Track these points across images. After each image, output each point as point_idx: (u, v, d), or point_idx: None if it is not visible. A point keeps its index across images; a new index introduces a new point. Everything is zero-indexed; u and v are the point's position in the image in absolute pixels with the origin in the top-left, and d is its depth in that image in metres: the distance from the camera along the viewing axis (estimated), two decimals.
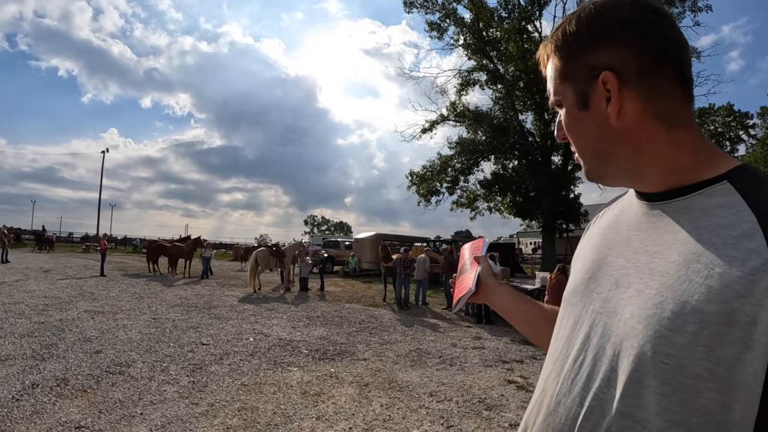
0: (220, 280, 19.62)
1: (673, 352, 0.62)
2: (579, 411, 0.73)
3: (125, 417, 4.61)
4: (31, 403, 4.85)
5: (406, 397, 5.60)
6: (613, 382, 0.69)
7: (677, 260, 0.68)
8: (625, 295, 0.74)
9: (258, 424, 4.62)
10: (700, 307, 0.62)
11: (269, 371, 6.52)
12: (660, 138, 0.76)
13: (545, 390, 0.82)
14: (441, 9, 25.37)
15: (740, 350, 0.58)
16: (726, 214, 0.67)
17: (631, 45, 0.74)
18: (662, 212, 0.76)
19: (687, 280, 0.65)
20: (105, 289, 14.52)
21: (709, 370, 0.60)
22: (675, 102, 0.75)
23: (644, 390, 0.65)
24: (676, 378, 0.62)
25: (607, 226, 0.90)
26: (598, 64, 0.76)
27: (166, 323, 9.51)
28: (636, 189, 0.84)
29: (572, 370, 0.78)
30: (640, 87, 0.74)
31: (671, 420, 0.62)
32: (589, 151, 0.83)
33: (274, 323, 10.20)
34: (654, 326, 0.65)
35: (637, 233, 0.79)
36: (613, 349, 0.71)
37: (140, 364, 6.47)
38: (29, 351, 6.86)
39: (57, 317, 9.49)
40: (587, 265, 0.87)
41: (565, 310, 0.88)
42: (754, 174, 0.71)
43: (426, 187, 26.96)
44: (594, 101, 0.78)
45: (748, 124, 40.14)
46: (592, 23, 0.78)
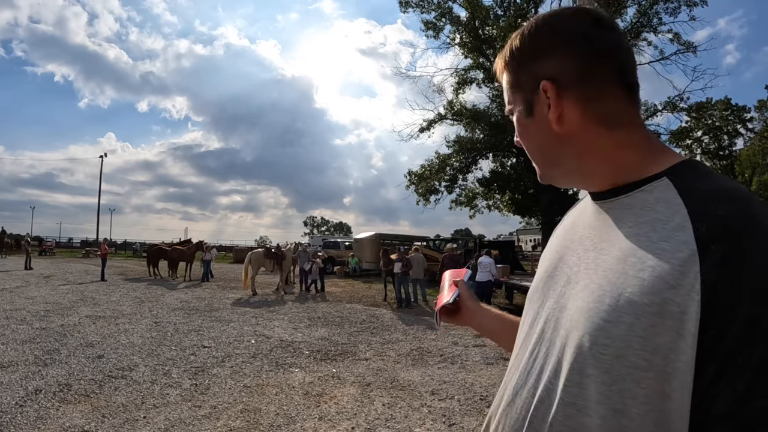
0: (221, 283, 19.65)
1: (610, 342, 0.65)
2: (531, 401, 0.76)
3: (129, 421, 4.63)
4: (34, 408, 4.86)
5: (408, 396, 5.62)
6: (559, 373, 0.72)
7: (617, 255, 0.71)
8: (574, 290, 0.77)
9: (261, 425, 4.64)
10: (634, 299, 0.64)
11: (271, 373, 6.54)
12: (602, 140, 0.79)
13: (507, 384, 0.86)
14: (436, 8, 25.38)
15: (673, 339, 0.60)
16: (662, 209, 0.69)
17: (568, 54, 0.79)
18: (609, 209, 0.80)
19: (623, 274, 0.68)
20: (106, 294, 14.56)
21: (646, 360, 0.62)
22: (617, 105, 0.79)
23: (585, 379, 0.67)
24: (615, 368, 0.64)
25: (567, 227, 0.94)
26: (540, 73, 0.81)
27: (168, 327, 9.53)
28: (586, 189, 0.88)
29: (528, 363, 0.81)
30: (579, 93, 0.78)
31: (613, 408, 0.64)
32: (537, 155, 0.88)
33: (275, 325, 10.22)
34: (593, 318, 0.68)
35: (589, 231, 0.83)
36: (561, 342, 0.74)
37: (142, 368, 6.49)
38: (32, 357, 6.87)
39: (58, 323, 9.51)
40: (546, 264, 0.91)
41: (527, 308, 0.92)
42: (695, 168, 0.74)
43: (425, 186, 26.95)
44: (537, 109, 0.82)
45: (746, 118, 40.14)
46: (534, 37, 0.83)
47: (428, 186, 26.97)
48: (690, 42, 22.68)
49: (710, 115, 36.94)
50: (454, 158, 26.66)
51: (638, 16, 22.83)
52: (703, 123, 35.52)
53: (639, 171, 0.77)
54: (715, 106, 37.50)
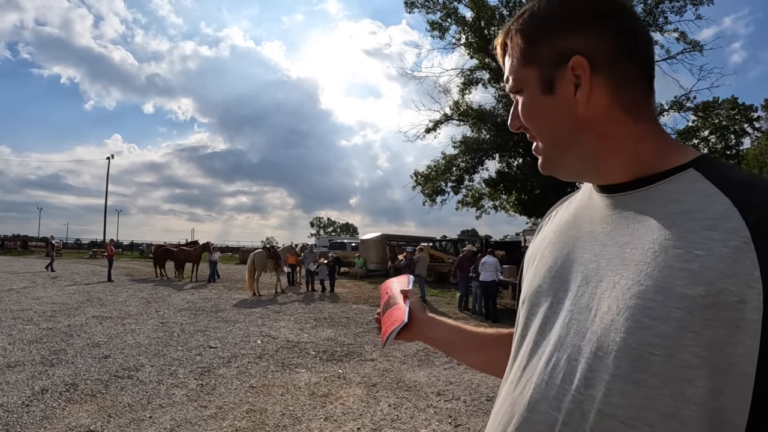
0: (227, 284, 19.69)
1: (660, 341, 0.60)
2: (556, 416, 0.69)
3: (134, 421, 4.63)
4: (40, 408, 4.88)
5: (414, 397, 5.60)
6: (592, 382, 0.66)
7: (652, 247, 0.66)
8: (598, 289, 0.71)
9: (267, 425, 4.63)
10: (684, 291, 0.60)
11: (277, 373, 6.53)
12: (625, 128, 0.75)
13: (516, 399, 0.77)
14: (442, 8, 25.33)
15: (730, 331, 0.57)
16: (696, 199, 0.66)
17: (604, 32, 0.74)
18: (626, 203, 0.75)
19: (667, 267, 0.63)
20: (112, 295, 14.61)
21: (699, 356, 0.58)
22: (640, 94, 0.76)
23: (630, 386, 0.62)
24: (666, 369, 0.60)
25: (564, 224, 0.88)
26: (568, 48, 0.74)
27: (174, 327, 9.55)
28: (593, 182, 0.83)
29: (545, 373, 0.73)
30: (611, 76, 0.74)
31: (663, 414, 0.60)
32: (550, 138, 0.80)
33: (281, 325, 10.22)
34: (636, 317, 0.63)
35: (602, 226, 0.78)
36: (591, 346, 0.67)
37: (149, 368, 6.50)
38: (38, 357, 6.89)
39: (65, 323, 9.55)
40: (548, 263, 0.84)
41: (529, 311, 0.84)
42: (717, 161, 0.72)
43: (431, 186, 26.92)
44: (560, 87, 0.76)
45: (753, 117, 39.93)
46: (565, 7, 0.76)
47: (434, 187, 26.93)
48: (696, 41, 22.57)
49: (717, 115, 36.74)
50: (461, 159, 26.61)
51: (644, 15, 22.70)
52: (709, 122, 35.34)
53: (657, 164, 0.74)
54: (722, 106, 37.26)
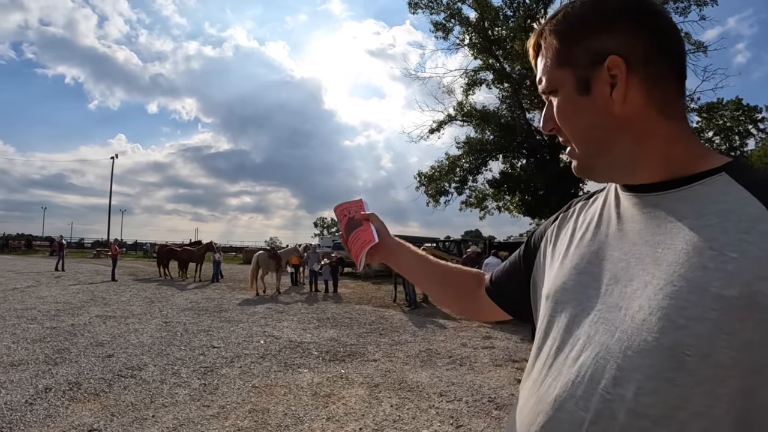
0: (230, 284, 19.71)
1: (694, 342, 0.61)
2: (584, 416, 0.68)
3: (137, 420, 4.65)
4: (44, 407, 4.89)
5: (416, 398, 5.60)
6: (620, 381, 0.65)
7: (686, 248, 0.67)
8: (628, 288, 0.71)
9: (269, 425, 4.64)
10: (719, 292, 0.61)
11: (280, 373, 6.54)
12: (659, 128, 0.75)
13: (543, 397, 0.76)
14: (446, 9, 25.34)
15: (764, 333, 0.59)
16: (731, 201, 0.67)
17: (639, 32, 0.74)
18: (659, 203, 0.75)
19: (701, 267, 0.64)
20: (116, 294, 14.65)
21: (733, 357, 0.59)
22: (673, 93, 0.76)
23: (663, 385, 0.62)
24: (700, 368, 0.60)
25: (591, 221, 0.87)
26: (603, 48, 0.75)
27: (177, 327, 9.56)
28: (626, 182, 0.82)
29: (572, 372, 0.72)
30: (646, 75, 0.74)
31: (694, 412, 0.60)
32: (586, 139, 0.81)
33: (284, 325, 10.23)
34: (671, 317, 0.63)
35: (632, 225, 0.78)
36: (621, 345, 0.67)
37: (152, 368, 6.52)
38: (42, 356, 6.92)
39: (69, 322, 9.57)
40: (575, 261, 0.84)
41: (554, 308, 0.83)
42: (748, 166, 0.72)
43: (434, 187, 26.91)
44: (597, 87, 0.76)
45: (757, 118, 39.82)
46: (599, 7, 0.77)
47: (438, 187, 26.92)
48: (700, 42, 22.50)
49: (721, 116, 36.72)
50: (464, 159, 26.60)
51: None
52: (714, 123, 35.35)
53: (691, 166, 0.74)
54: (726, 107, 37.24)
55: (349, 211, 1.30)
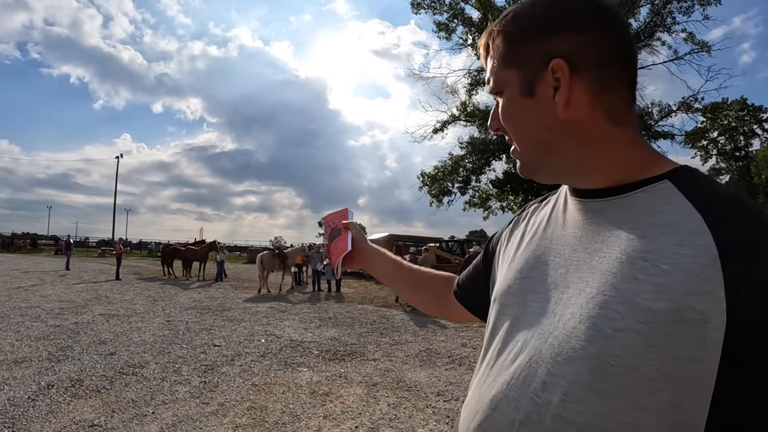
0: (234, 283, 19.79)
1: (621, 353, 0.60)
2: (515, 417, 0.69)
3: (137, 416, 4.71)
4: (46, 403, 4.97)
5: (413, 397, 5.65)
6: (550, 386, 0.66)
7: (620, 257, 0.66)
8: (564, 295, 0.72)
9: (266, 422, 4.70)
10: (648, 305, 0.60)
11: (279, 372, 6.60)
12: (606, 133, 0.74)
13: (482, 396, 0.77)
14: (449, 9, 25.33)
15: (692, 348, 0.58)
16: (670, 212, 0.66)
17: (588, 36, 0.73)
18: (603, 209, 0.75)
19: (632, 278, 0.63)
20: (120, 293, 14.75)
21: (660, 370, 0.59)
22: (622, 100, 0.75)
23: (589, 394, 0.62)
24: (627, 380, 0.60)
25: (539, 225, 0.88)
26: (549, 51, 0.74)
27: (180, 325, 9.64)
28: (573, 185, 0.82)
29: (507, 373, 0.74)
30: (592, 79, 0.73)
31: (622, 422, 0.60)
32: (531, 141, 0.80)
33: (286, 325, 10.29)
34: (599, 327, 0.63)
35: (574, 230, 0.78)
36: (552, 351, 0.68)
37: (153, 366, 6.59)
38: (45, 353, 7.00)
39: (72, 320, 9.66)
40: (520, 264, 0.85)
41: (499, 311, 0.85)
42: (695, 174, 0.71)
43: (437, 187, 26.91)
44: (540, 89, 0.75)
45: (762, 118, 39.69)
46: (551, 9, 0.76)
47: (441, 187, 26.93)
48: (704, 41, 22.43)
49: (726, 116, 36.55)
50: (468, 159, 26.60)
51: (652, 15, 22.63)
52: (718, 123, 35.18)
53: (637, 172, 0.73)
54: (731, 106, 37.09)
55: (334, 221, 1.39)
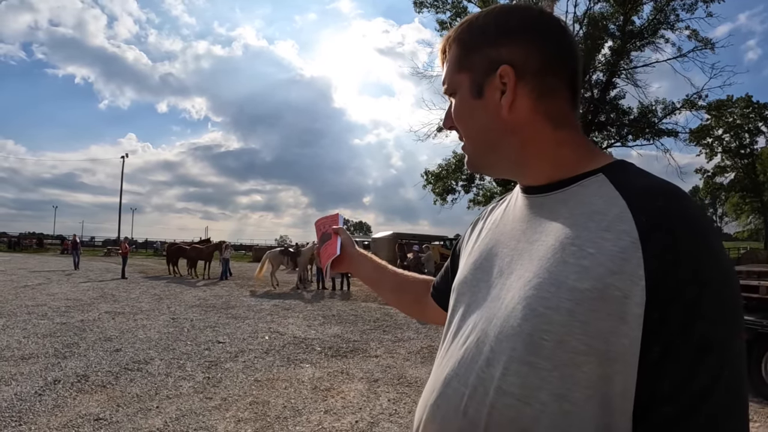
0: (239, 281, 19.92)
1: (551, 328, 0.66)
2: (464, 391, 0.75)
3: (142, 410, 4.80)
4: (52, 397, 5.06)
5: (413, 392, 5.71)
6: (492, 362, 0.72)
7: (554, 245, 0.73)
8: (508, 281, 0.78)
9: (268, 417, 4.78)
10: (574, 285, 0.66)
11: (282, 368, 6.68)
12: (546, 135, 0.81)
13: (438, 376, 0.84)
14: (451, 8, 25.35)
15: (615, 323, 0.63)
16: (600, 202, 0.71)
17: (535, 47, 0.80)
18: (543, 203, 0.82)
19: (562, 262, 0.69)
20: (126, 291, 14.90)
21: (587, 344, 0.64)
22: (563, 105, 0.82)
23: (524, 367, 0.68)
24: (556, 353, 0.66)
25: (494, 221, 0.96)
26: (499, 58, 0.80)
27: (185, 323, 9.74)
28: (519, 181, 0.90)
29: (458, 353, 0.80)
30: (535, 86, 0.80)
31: (555, 394, 0.65)
32: (478, 139, 0.87)
33: (289, 322, 10.38)
34: (532, 306, 0.69)
35: (520, 224, 0.85)
36: (495, 331, 0.74)
37: (158, 362, 6.68)
38: (51, 350, 7.10)
39: (78, 318, 9.78)
40: (475, 257, 0.92)
41: (456, 300, 0.92)
42: (628, 168, 0.77)
43: (441, 185, 26.95)
44: (488, 92, 0.82)
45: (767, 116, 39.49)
46: (502, 21, 0.83)
47: (445, 185, 26.96)
48: (708, 39, 22.37)
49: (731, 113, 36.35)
50: None
51: (655, 13, 22.60)
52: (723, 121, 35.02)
53: (574, 168, 0.79)
54: (736, 104, 36.80)
55: (325, 225, 1.46)
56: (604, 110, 25.04)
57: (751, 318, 5.89)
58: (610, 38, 23.86)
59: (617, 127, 25.60)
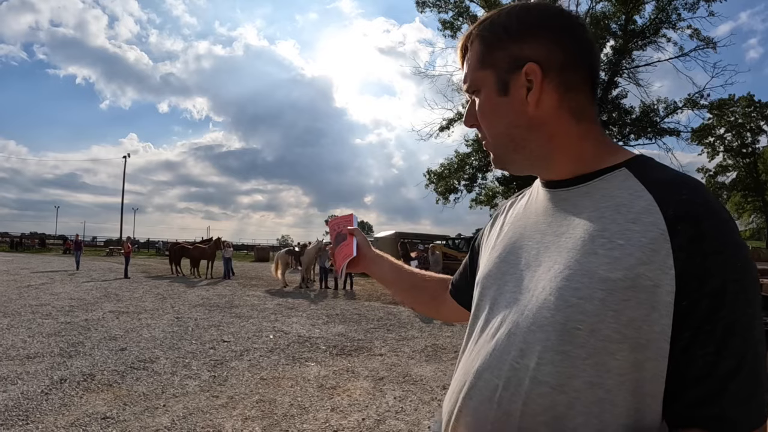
0: (242, 281, 19.93)
1: (584, 318, 0.69)
2: (497, 383, 0.77)
3: (149, 409, 4.81)
4: (59, 396, 5.06)
5: (419, 390, 5.72)
6: (526, 352, 0.74)
7: (583, 237, 0.76)
8: (536, 273, 0.81)
9: (275, 414, 4.78)
10: (606, 275, 0.69)
11: (287, 366, 6.68)
12: (570, 129, 0.84)
13: (467, 369, 0.85)
14: (454, 7, 25.36)
15: (646, 311, 0.66)
16: (625, 195, 0.75)
17: (557, 43, 0.83)
18: (567, 197, 0.84)
19: (593, 253, 0.72)
20: (129, 291, 14.89)
21: (620, 332, 0.67)
22: (584, 99, 0.85)
23: (558, 356, 0.71)
24: (590, 342, 0.69)
25: (515, 216, 0.98)
26: (523, 55, 0.83)
27: (189, 322, 9.74)
28: (542, 177, 0.92)
29: (489, 345, 0.82)
30: (560, 82, 0.82)
31: (588, 382, 0.69)
32: (504, 136, 0.88)
33: (293, 321, 10.38)
34: (564, 297, 0.72)
35: (545, 218, 0.87)
36: (527, 322, 0.76)
37: (163, 361, 6.68)
38: (57, 349, 7.11)
39: (83, 317, 9.78)
40: (499, 251, 0.94)
41: (481, 293, 0.93)
42: (649, 162, 0.81)
43: (444, 185, 26.98)
44: (514, 89, 0.84)
45: None
46: (524, 18, 0.85)
47: (447, 185, 26.99)
48: (709, 38, 22.40)
49: (732, 112, 36.30)
50: (474, 157, 26.62)
51: (656, 12, 22.61)
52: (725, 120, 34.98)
53: (597, 162, 0.82)
54: (738, 103, 36.72)
55: (339, 225, 1.48)
56: (606, 110, 25.06)
57: None
58: (612, 37, 23.89)
59: (619, 127, 25.62)
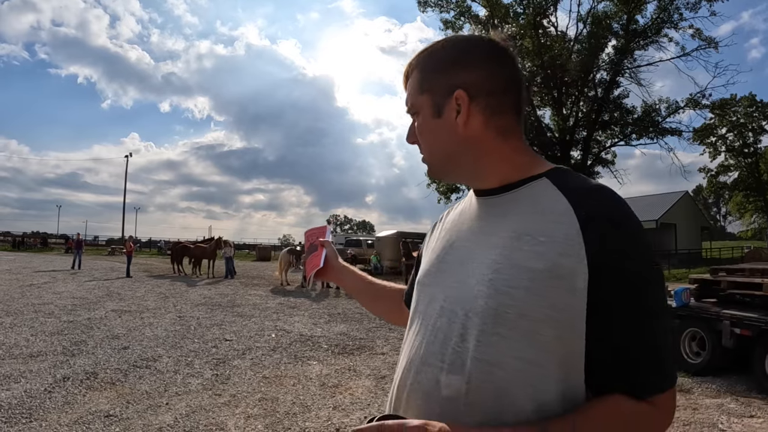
0: (244, 280, 19.95)
1: (514, 303, 0.82)
2: (442, 366, 0.87)
3: (151, 407, 4.83)
4: (62, 394, 5.09)
5: None
6: (465, 337, 0.85)
7: (510, 235, 0.88)
8: (469, 268, 0.92)
9: (277, 413, 4.80)
10: (531, 266, 0.82)
11: (290, 365, 6.70)
12: (498, 146, 0.96)
13: (411, 357, 0.94)
14: (455, 7, 25.36)
15: (566, 296, 0.80)
16: (546, 200, 0.88)
17: (486, 71, 0.94)
18: (496, 203, 0.96)
19: (519, 249, 0.85)
20: (131, 290, 14.92)
21: (545, 314, 0.80)
22: (510, 119, 0.96)
23: (493, 338, 0.83)
24: (520, 324, 0.81)
25: (452, 222, 1.08)
26: (454, 82, 0.94)
27: (191, 321, 9.77)
28: (474, 187, 1.03)
29: (432, 334, 0.92)
30: (486, 105, 0.94)
31: (522, 357, 0.81)
32: (439, 152, 1.00)
33: (295, 320, 10.40)
34: (496, 286, 0.84)
35: (477, 221, 0.98)
36: (464, 311, 0.88)
37: (166, 359, 6.71)
38: (59, 348, 7.13)
39: (85, 316, 9.81)
40: (437, 252, 1.04)
41: (421, 291, 1.04)
42: (567, 172, 0.95)
43: (445, 184, 26.94)
44: (446, 112, 0.95)
45: None
46: (458, 49, 0.97)
47: (449, 184, 26.93)
48: (711, 38, 22.39)
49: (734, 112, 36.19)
50: None
51: (658, 11, 22.58)
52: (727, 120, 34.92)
53: (522, 173, 0.95)
54: (739, 103, 36.57)
55: (313, 236, 1.58)
56: (607, 109, 25.06)
57: (755, 315, 5.86)
58: (614, 37, 23.87)
59: (621, 126, 25.62)
